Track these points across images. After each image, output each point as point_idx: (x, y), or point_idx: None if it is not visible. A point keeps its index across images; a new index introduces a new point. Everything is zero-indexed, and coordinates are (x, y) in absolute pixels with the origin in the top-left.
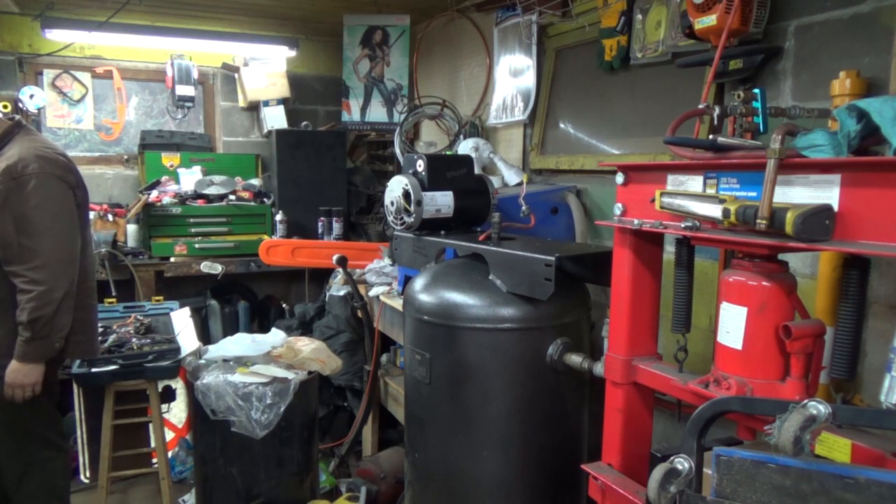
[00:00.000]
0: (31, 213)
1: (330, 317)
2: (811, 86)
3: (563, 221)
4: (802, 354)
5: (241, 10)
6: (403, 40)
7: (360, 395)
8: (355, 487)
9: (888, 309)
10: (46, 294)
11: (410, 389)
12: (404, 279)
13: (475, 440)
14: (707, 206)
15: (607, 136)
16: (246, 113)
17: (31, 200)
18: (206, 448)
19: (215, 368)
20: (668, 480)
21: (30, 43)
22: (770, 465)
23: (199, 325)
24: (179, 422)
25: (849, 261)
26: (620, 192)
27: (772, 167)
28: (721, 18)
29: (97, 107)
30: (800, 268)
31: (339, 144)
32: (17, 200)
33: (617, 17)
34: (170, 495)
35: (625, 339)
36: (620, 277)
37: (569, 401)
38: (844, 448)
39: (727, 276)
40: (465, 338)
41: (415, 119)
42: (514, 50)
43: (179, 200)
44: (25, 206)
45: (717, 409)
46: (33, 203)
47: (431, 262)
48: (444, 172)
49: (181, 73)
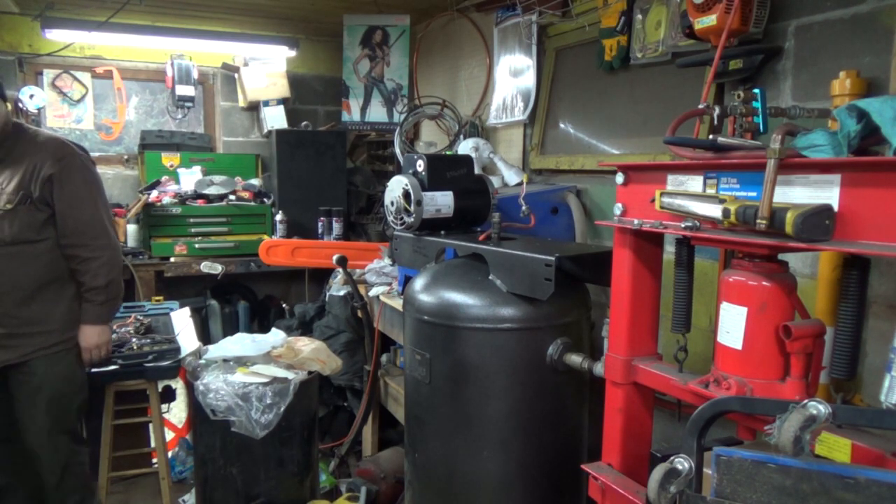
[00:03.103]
0: (80, 190)
1: (330, 317)
2: (811, 86)
3: (563, 221)
4: (802, 354)
5: (241, 10)
6: (403, 40)
7: (360, 395)
8: (355, 487)
9: (888, 309)
10: (114, 258)
11: (410, 389)
12: (404, 279)
13: (475, 440)
14: (707, 206)
15: (607, 136)
16: (246, 113)
17: (78, 178)
18: (206, 448)
19: (215, 368)
20: (668, 480)
21: (30, 43)
22: (770, 465)
23: (199, 325)
24: (179, 422)
25: (849, 261)
26: (620, 192)
27: (772, 167)
28: (721, 18)
29: (97, 107)
30: (800, 268)
31: (339, 144)
32: (66, 179)
33: (617, 17)
34: (170, 495)
35: (625, 339)
36: (620, 277)
37: (569, 401)
38: (844, 448)
39: (727, 276)
40: (465, 338)
41: (415, 119)
42: (514, 50)
43: (179, 200)
44: (75, 184)
45: (717, 409)
46: (81, 180)
47: (431, 262)
48: (444, 172)
49: (181, 73)
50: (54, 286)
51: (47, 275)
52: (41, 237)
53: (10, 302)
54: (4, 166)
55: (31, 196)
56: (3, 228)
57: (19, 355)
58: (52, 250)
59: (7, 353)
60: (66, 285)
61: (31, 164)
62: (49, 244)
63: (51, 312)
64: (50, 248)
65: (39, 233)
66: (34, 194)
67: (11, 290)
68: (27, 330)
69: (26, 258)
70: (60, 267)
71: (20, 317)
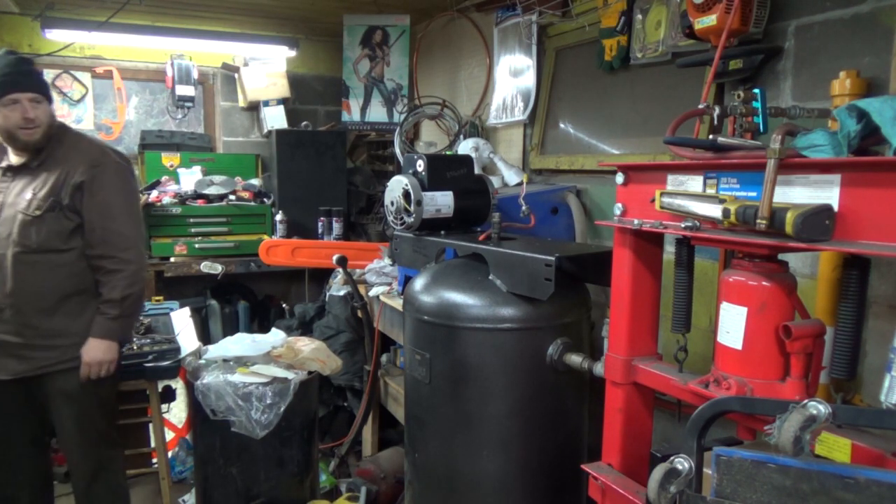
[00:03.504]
0: (113, 199)
1: (330, 317)
2: (811, 86)
3: (563, 221)
4: (802, 354)
5: (241, 10)
6: (403, 40)
7: (360, 395)
8: (355, 487)
9: (888, 309)
10: (137, 273)
11: (410, 389)
12: (404, 279)
13: (475, 440)
14: (707, 206)
15: (607, 136)
16: (246, 113)
17: (111, 187)
18: (206, 448)
19: (215, 368)
20: (668, 480)
21: (30, 43)
22: (770, 465)
23: (199, 325)
24: (179, 422)
25: (849, 261)
26: (620, 192)
27: (772, 167)
28: (721, 18)
29: (97, 107)
30: (800, 268)
31: (339, 144)
32: (98, 187)
33: (617, 17)
34: (170, 495)
35: (625, 339)
36: (620, 277)
37: (569, 401)
38: (844, 448)
39: (727, 276)
40: (465, 338)
41: (415, 119)
42: (514, 50)
43: (179, 200)
44: (107, 192)
45: (717, 409)
46: (114, 189)
47: (431, 262)
48: (444, 172)
49: (181, 73)
50: (78, 298)
51: (72, 286)
52: (68, 246)
53: (31, 311)
54: (42, 170)
55: (61, 203)
56: (30, 235)
57: (33, 368)
58: (79, 261)
59: (22, 364)
60: (91, 300)
61: (64, 170)
62: (75, 254)
63: (71, 326)
64: (76, 258)
65: (66, 242)
66: (64, 201)
67: (33, 299)
68: (45, 342)
69: (51, 267)
70: (86, 279)
71: (40, 328)
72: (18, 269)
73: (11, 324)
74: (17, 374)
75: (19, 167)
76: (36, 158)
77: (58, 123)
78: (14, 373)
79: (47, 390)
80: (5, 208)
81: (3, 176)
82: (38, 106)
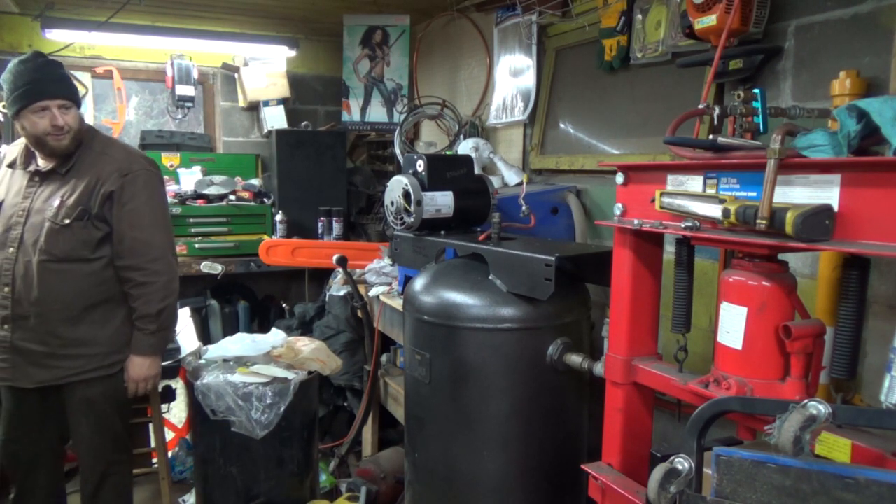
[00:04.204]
0: (143, 208)
1: (330, 317)
2: (811, 86)
3: (563, 221)
4: (802, 354)
5: (241, 10)
6: (403, 40)
7: (360, 395)
8: (355, 487)
9: (888, 309)
10: (169, 284)
11: (410, 389)
12: (404, 279)
13: (475, 440)
14: (707, 206)
15: (607, 136)
16: (246, 113)
17: (142, 196)
18: (206, 448)
19: (215, 368)
20: (668, 480)
21: (30, 43)
22: (770, 465)
23: (199, 325)
24: (179, 422)
25: (849, 261)
26: (620, 192)
27: (772, 167)
28: (721, 18)
29: (97, 107)
30: (800, 268)
31: (339, 144)
32: (129, 196)
33: (617, 17)
34: (170, 495)
35: (625, 339)
36: (620, 277)
37: (569, 401)
38: (844, 448)
39: (727, 276)
40: (465, 338)
41: (415, 119)
42: (514, 50)
43: (179, 200)
44: (137, 202)
45: (717, 409)
46: (144, 198)
47: (431, 262)
48: (444, 172)
49: (181, 73)
50: (104, 308)
51: (98, 295)
52: (95, 256)
53: (56, 320)
54: (71, 176)
55: (90, 212)
56: (57, 243)
57: (57, 377)
58: (106, 270)
59: (44, 373)
60: (117, 309)
61: (94, 178)
62: (103, 263)
63: (96, 336)
64: (103, 267)
65: (94, 251)
66: (93, 210)
67: (59, 308)
68: (69, 352)
69: (78, 276)
70: (113, 289)
71: (64, 337)
72: (44, 277)
73: (36, 332)
74: (40, 382)
75: (47, 172)
76: (65, 164)
77: (86, 127)
78: (37, 381)
79: (69, 398)
80: (32, 214)
81: (31, 180)
82: (68, 112)
